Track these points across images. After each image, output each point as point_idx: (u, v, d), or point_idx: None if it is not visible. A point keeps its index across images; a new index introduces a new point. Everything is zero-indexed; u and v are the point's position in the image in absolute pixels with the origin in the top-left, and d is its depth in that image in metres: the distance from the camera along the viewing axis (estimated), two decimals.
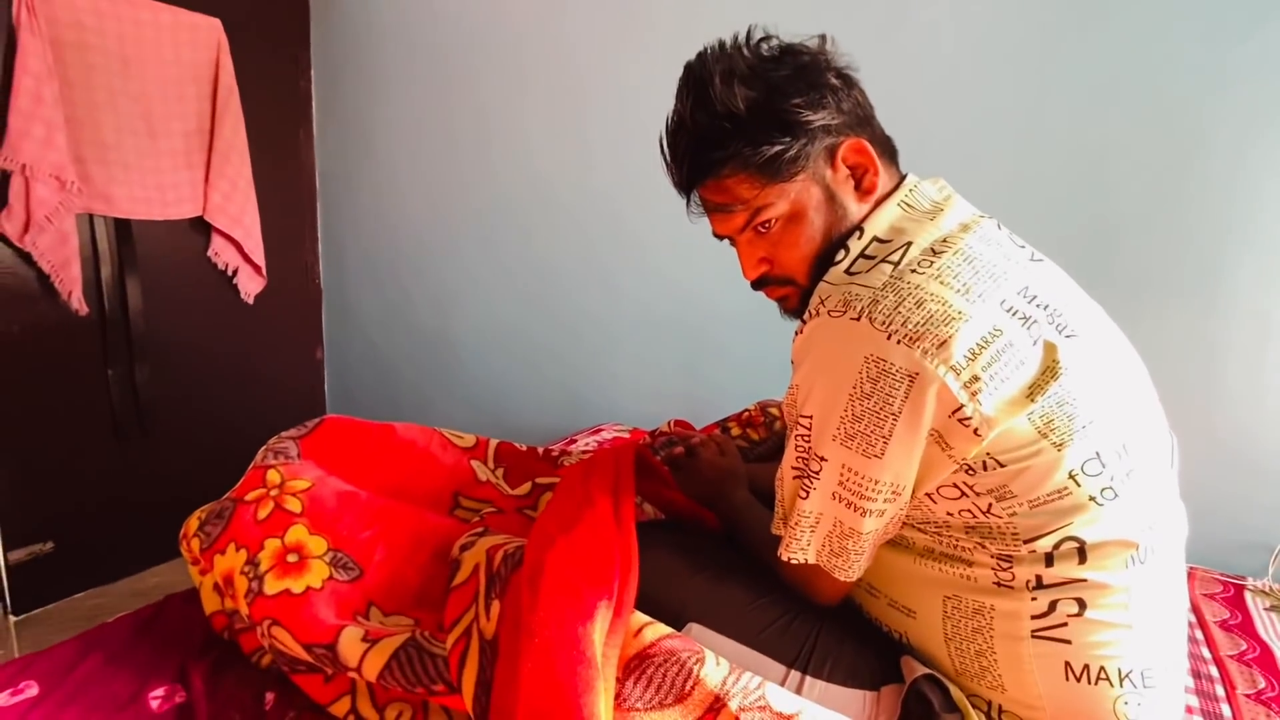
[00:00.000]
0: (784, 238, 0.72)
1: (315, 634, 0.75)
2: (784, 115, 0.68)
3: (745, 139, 0.68)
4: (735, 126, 0.69)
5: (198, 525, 0.86)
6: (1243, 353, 1.32)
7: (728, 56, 0.70)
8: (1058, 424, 0.60)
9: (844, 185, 0.71)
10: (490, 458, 1.09)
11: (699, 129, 0.71)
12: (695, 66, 0.72)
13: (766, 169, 0.69)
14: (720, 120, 0.69)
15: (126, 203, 1.72)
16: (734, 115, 0.68)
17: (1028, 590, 0.63)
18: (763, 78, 0.69)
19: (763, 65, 0.70)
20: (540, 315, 2.02)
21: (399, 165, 2.16)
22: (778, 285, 0.76)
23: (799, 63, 0.70)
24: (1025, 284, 0.65)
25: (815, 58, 0.71)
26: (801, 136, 0.68)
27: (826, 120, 0.69)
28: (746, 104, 0.68)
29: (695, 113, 0.70)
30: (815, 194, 0.71)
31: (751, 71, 0.69)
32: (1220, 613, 1.16)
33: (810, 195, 0.71)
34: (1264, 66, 1.24)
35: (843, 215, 0.71)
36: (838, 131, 0.70)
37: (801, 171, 0.70)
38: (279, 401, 2.25)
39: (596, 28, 1.79)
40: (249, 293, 2.05)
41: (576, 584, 0.66)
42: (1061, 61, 1.37)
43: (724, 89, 0.68)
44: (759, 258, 0.75)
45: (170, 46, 1.75)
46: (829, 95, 0.69)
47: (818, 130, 0.69)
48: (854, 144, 0.70)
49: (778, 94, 0.68)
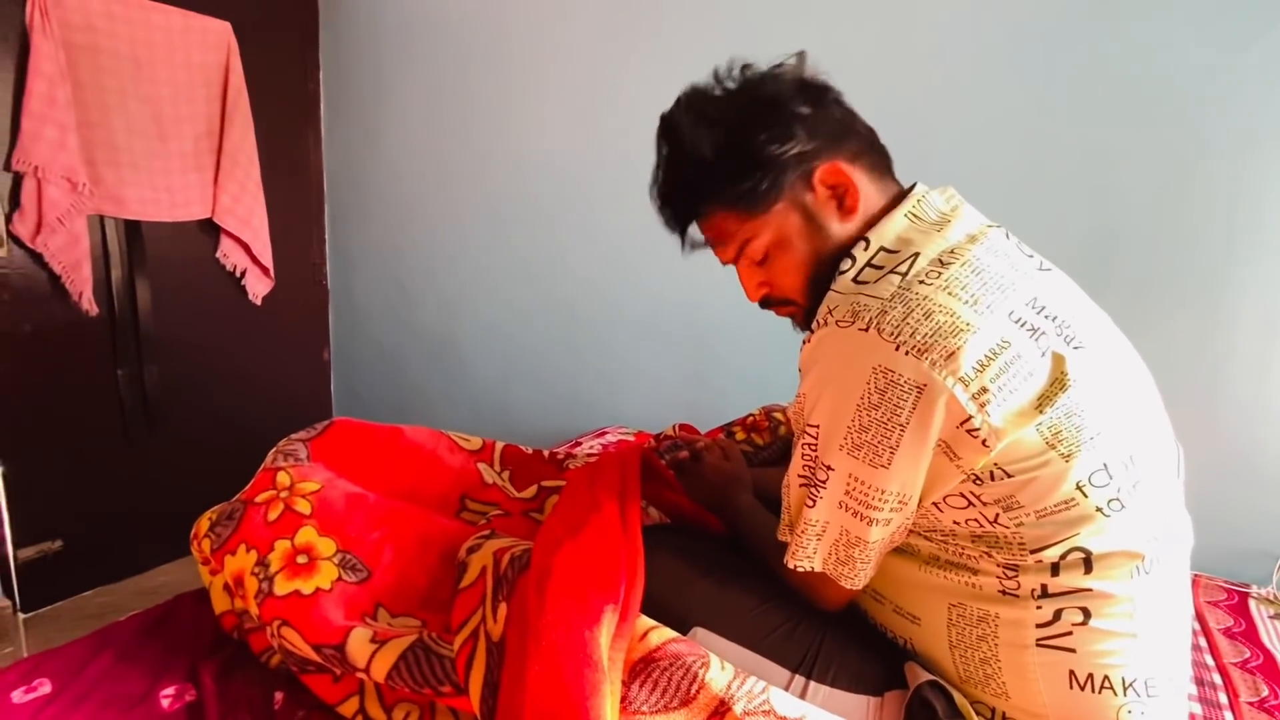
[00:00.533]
0: (775, 264, 0.75)
1: (324, 635, 0.75)
2: (753, 153, 0.70)
3: (719, 181, 0.72)
4: (707, 171, 0.72)
5: (208, 526, 0.87)
6: (1247, 361, 1.32)
7: (697, 101, 0.74)
8: (1066, 435, 0.60)
9: (825, 207, 0.73)
10: (496, 460, 1.10)
11: (676, 177, 0.75)
12: (668, 115, 0.75)
13: (743, 205, 0.72)
14: (693, 167, 0.73)
15: (136, 204, 1.73)
16: (704, 161, 0.72)
17: (1033, 599, 0.63)
18: (730, 118, 0.72)
19: (730, 104, 0.72)
20: (546, 317, 2.02)
21: (406, 168, 2.17)
22: (781, 305, 0.79)
23: (764, 96, 0.72)
24: (1033, 295, 0.65)
25: (783, 85, 0.72)
26: (772, 170, 0.70)
27: (797, 149, 0.70)
28: (714, 149, 0.71)
29: (671, 162, 0.75)
30: (796, 220, 0.73)
31: (719, 113, 0.72)
32: (1224, 620, 1.16)
33: (791, 222, 0.73)
34: (1266, 75, 1.24)
35: (827, 237, 0.73)
36: (811, 157, 0.71)
37: (778, 201, 0.72)
38: (286, 402, 2.26)
39: (608, 33, 1.80)
40: (256, 294, 2.06)
41: (583, 587, 0.67)
42: (1067, 70, 1.38)
43: (693, 136, 0.72)
44: (758, 282, 0.77)
45: (181, 49, 1.76)
46: (796, 125, 0.71)
47: (789, 161, 0.70)
48: (828, 167, 0.71)
49: (744, 132, 0.71)
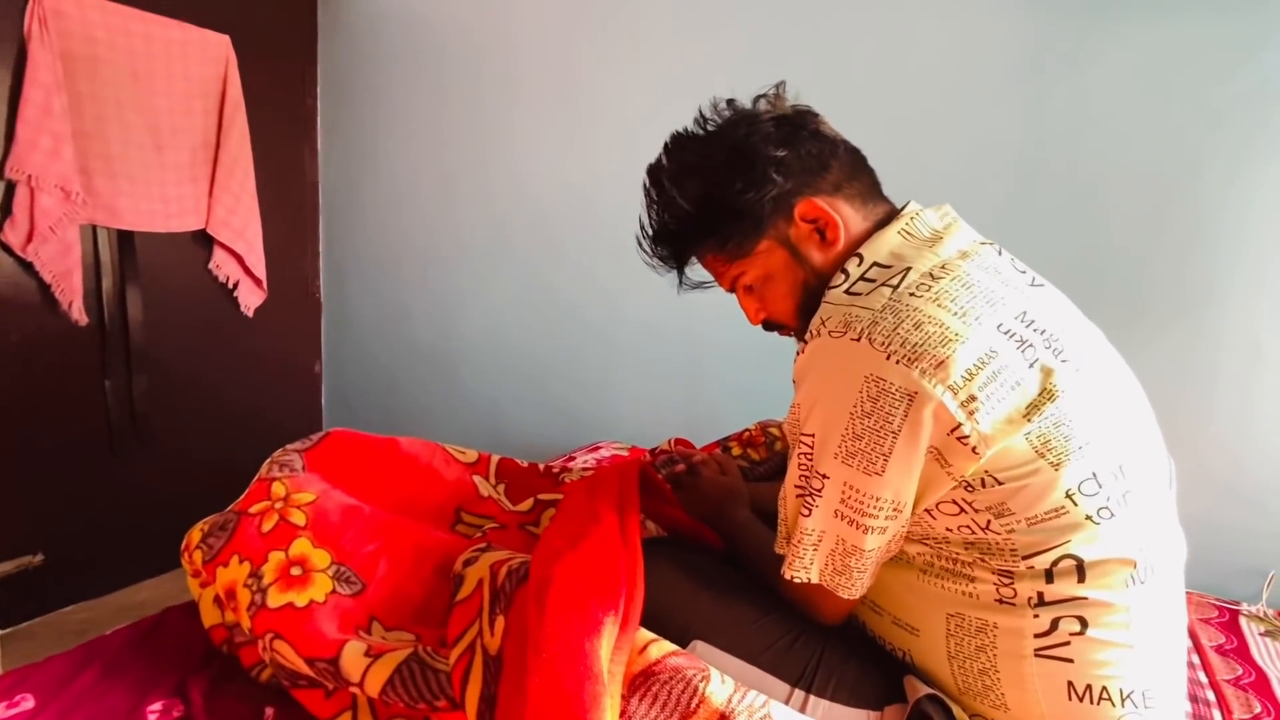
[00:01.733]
0: (766, 295, 0.79)
1: (317, 648, 0.74)
2: (728, 203, 0.74)
3: (700, 232, 0.77)
4: (689, 224, 0.77)
5: (200, 537, 0.86)
6: (1234, 380, 1.34)
7: (679, 149, 0.78)
8: (1054, 444, 0.61)
9: (808, 240, 0.75)
10: (492, 474, 1.10)
11: (660, 230, 0.79)
12: (652, 169, 0.79)
13: (727, 249, 0.77)
14: (674, 221, 0.77)
15: (130, 215, 1.73)
16: (685, 214, 0.76)
17: (1030, 607, 0.64)
18: (701, 171, 0.75)
19: (708, 154, 0.76)
20: (541, 332, 2.03)
21: (402, 182, 2.18)
22: (779, 328, 0.82)
23: (738, 144, 0.74)
24: (1023, 309, 0.66)
25: (758, 128, 0.75)
26: (749, 217, 0.74)
27: (774, 192, 0.73)
28: (693, 202, 0.75)
29: (655, 216, 0.79)
30: (780, 256, 0.76)
31: (698, 163, 0.76)
32: (1216, 637, 1.17)
33: (776, 258, 0.76)
34: (1251, 101, 1.27)
35: (811, 267, 0.75)
36: (790, 196, 0.74)
37: (761, 241, 0.75)
38: (276, 415, 2.24)
39: (603, 51, 1.82)
40: (249, 306, 2.05)
41: (583, 598, 0.66)
42: (1057, 93, 1.41)
43: (672, 191, 0.76)
44: (755, 309, 0.81)
45: (179, 62, 1.77)
46: (771, 169, 0.73)
47: (765, 205, 0.74)
48: (806, 204, 0.74)
49: (718, 185, 0.74)
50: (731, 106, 0.78)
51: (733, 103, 0.78)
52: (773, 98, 0.78)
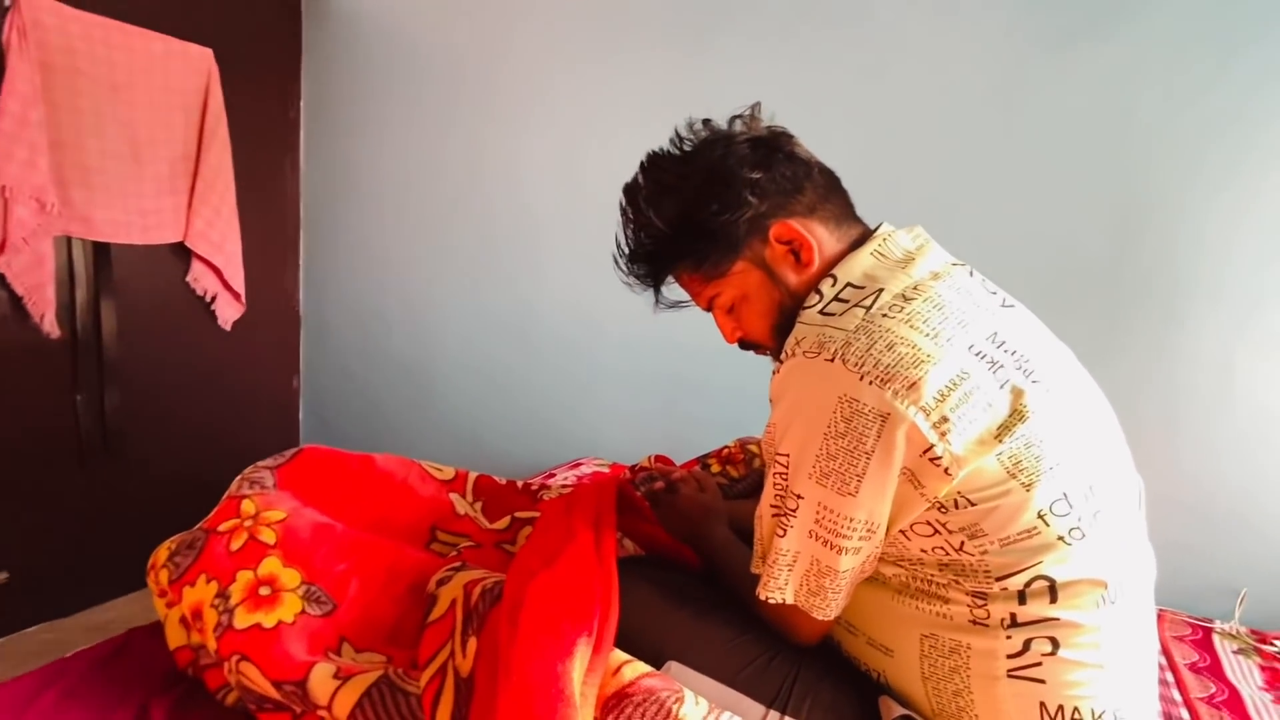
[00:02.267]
0: (742, 315, 0.79)
1: (285, 670, 0.73)
2: (704, 224, 0.74)
3: (676, 251, 0.77)
4: (665, 244, 0.77)
5: (167, 556, 0.84)
6: (1204, 399, 1.36)
7: (656, 168, 0.78)
8: (1025, 464, 0.62)
9: (783, 261, 0.76)
10: (469, 491, 1.09)
11: (637, 250, 0.79)
12: (628, 189, 0.79)
13: (703, 269, 0.77)
14: (650, 241, 0.77)
15: (107, 226, 1.70)
16: (661, 234, 0.76)
17: (1003, 628, 0.64)
18: (678, 191, 0.75)
19: (685, 174, 0.76)
20: (521, 348, 2.02)
21: (385, 197, 2.18)
22: (755, 348, 0.83)
23: (714, 166, 0.75)
24: (994, 330, 0.67)
25: (734, 150, 0.75)
26: (725, 237, 0.74)
27: (750, 214, 0.74)
28: (669, 222, 0.75)
29: (631, 236, 0.79)
30: (756, 276, 0.76)
31: (675, 183, 0.76)
32: (1189, 655, 1.18)
33: (751, 278, 0.77)
34: (1215, 126, 1.31)
35: (787, 288, 0.76)
36: (765, 217, 0.75)
37: (737, 262, 0.76)
38: (252, 430, 2.21)
39: (588, 72, 1.84)
40: (227, 319, 2.03)
41: (557, 619, 0.66)
42: (1028, 116, 1.44)
43: (649, 211, 0.76)
44: (731, 328, 0.81)
45: (161, 74, 1.76)
46: (747, 191, 0.74)
47: (740, 226, 0.74)
48: (779, 227, 0.75)
49: (695, 205, 0.75)
50: (707, 127, 0.79)
51: (709, 123, 0.79)
52: (748, 119, 0.79)
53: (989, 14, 1.44)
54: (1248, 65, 1.28)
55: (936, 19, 1.49)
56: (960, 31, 1.47)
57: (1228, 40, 1.29)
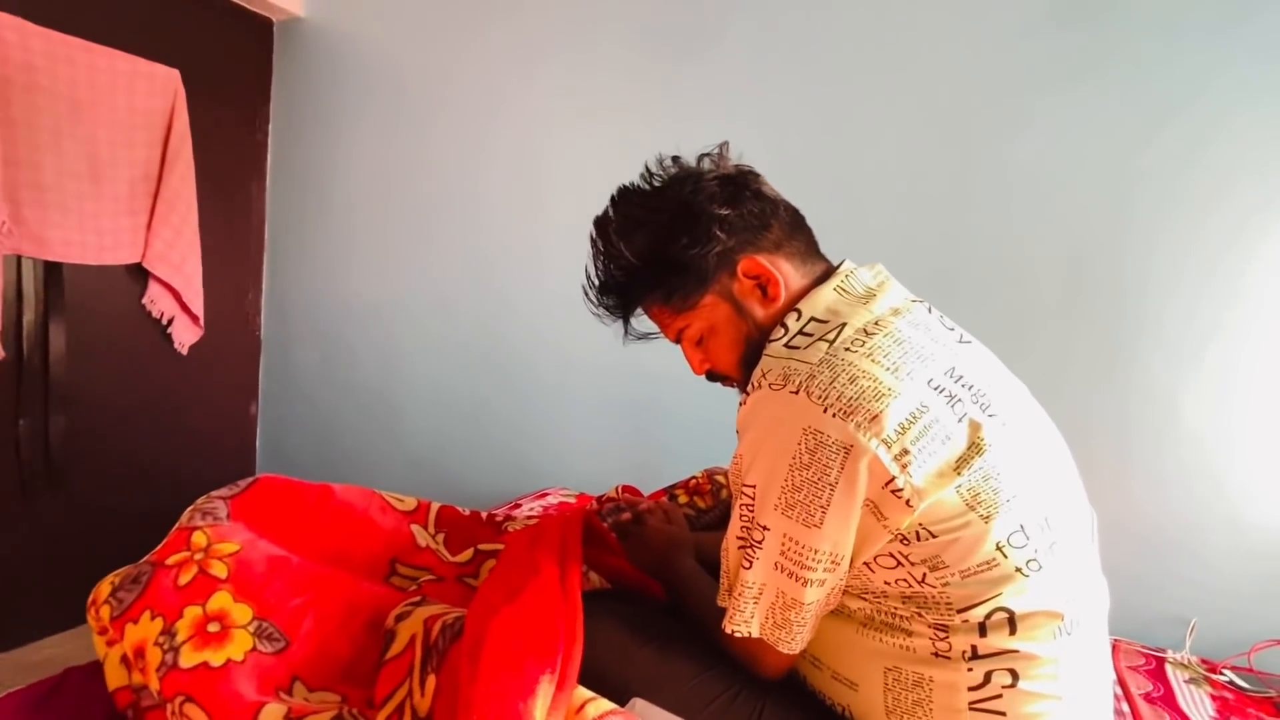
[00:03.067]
0: (710, 347, 0.80)
1: (233, 712, 0.69)
2: (674, 258, 0.76)
3: (646, 285, 0.78)
4: (636, 276, 0.78)
5: (110, 591, 0.80)
6: (1154, 433, 1.41)
7: (625, 203, 0.79)
8: (984, 497, 0.63)
9: (751, 295, 0.78)
10: (431, 522, 1.06)
11: (607, 281, 0.80)
12: (599, 221, 0.80)
13: (672, 301, 0.78)
14: (620, 273, 0.78)
15: (60, 246, 1.66)
16: (631, 266, 0.77)
17: (964, 661, 0.64)
18: (653, 225, 0.77)
19: (655, 209, 0.78)
20: (488, 377, 2.00)
21: (352, 223, 2.16)
22: (722, 379, 0.84)
23: (684, 201, 0.77)
24: (952, 364, 0.69)
25: (703, 187, 0.77)
26: (694, 272, 0.76)
27: (718, 249, 0.76)
28: (639, 255, 0.77)
29: (601, 268, 0.80)
30: (724, 310, 0.78)
31: (646, 216, 0.77)
32: (1144, 685, 1.20)
33: (719, 312, 0.78)
34: (1164, 167, 1.38)
35: (754, 322, 0.78)
36: (733, 253, 0.77)
37: (705, 295, 0.77)
38: (206, 459, 2.14)
39: (560, 100, 1.86)
40: (184, 343, 1.98)
41: (519, 656, 0.64)
42: (985, 158, 1.50)
43: (619, 243, 0.77)
44: (699, 360, 0.82)
45: (124, 94, 1.73)
46: (716, 226, 0.75)
47: (709, 260, 0.76)
48: (749, 261, 0.77)
49: (665, 239, 0.76)
50: (677, 164, 0.81)
51: (678, 160, 0.81)
52: (716, 157, 0.81)
53: (950, 56, 1.51)
54: (1191, 116, 1.36)
55: (898, 61, 1.55)
56: (920, 74, 1.53)
57: (1174, 91, 1.36)
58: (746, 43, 1.66)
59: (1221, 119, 1.34)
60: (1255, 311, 1.34)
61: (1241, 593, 1.37)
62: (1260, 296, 1.34)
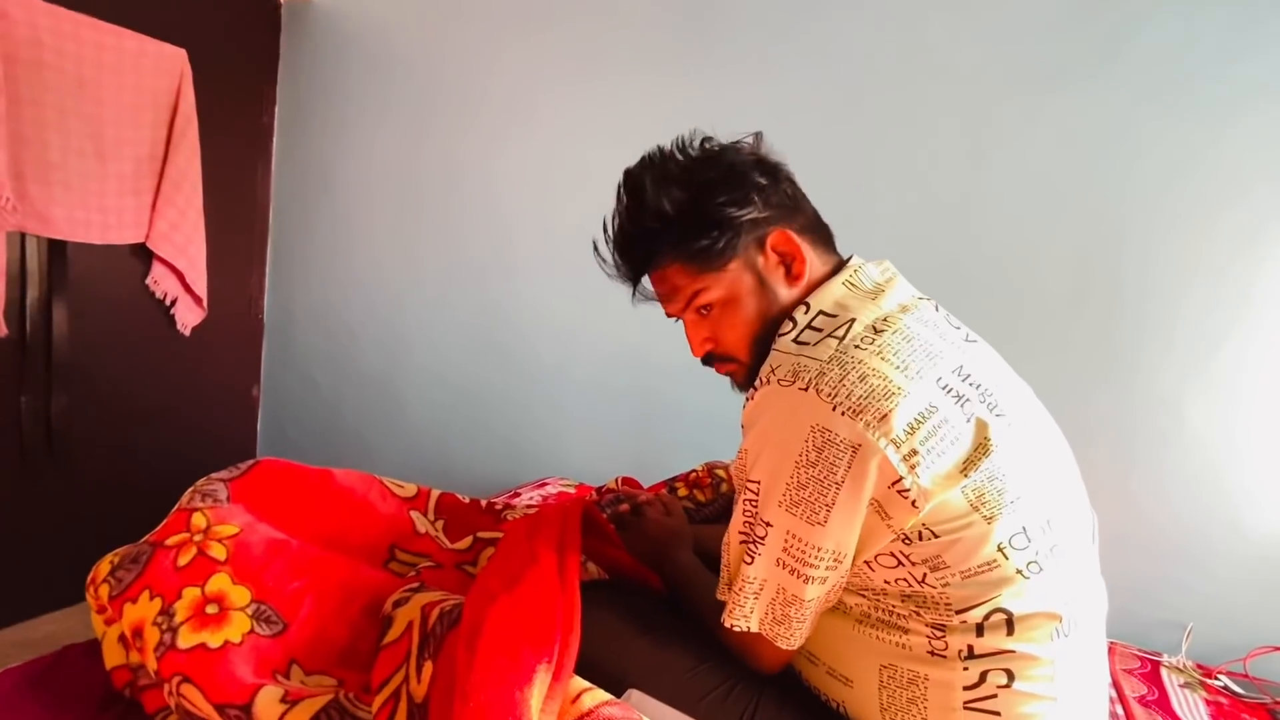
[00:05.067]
0: (723, 320, 0.78)
1: (229, 693, 0.70)
2: (712, 213, 0.74)
3: (676, 236, 0.75)
4: (666, 225, 0.75)
5: (109, 570, 0.81)
6: (1158, 438, 1.41)
7: (661, 162, 0.78)
8: (988, 498, 0.63)
9: (775, 272, 0.76)
10: (431, 509, 1.06)
11: (634, 229, 0.77)
12: (632, 171, 0.79)
13: (698, 260, 0.75)
14: (654, 220, 0.75)
15: (64, 224, 1.65)
16: (665, 215, 0.75)
17: (960, 660, 0.64)
18: (692, 180, 0.76)
19: (692, 168, 0.77)
20: (491, 365, 2.00)
21: (357, 207, 2.15)
22: (723, 362, 0.81)
23: (725, 163, 0.77)
24: (960, 363, 0.69)
25: (742, 157, 0.78)
26: (729, 231, 0.74)
27: (753, 214, 0.75)
28: (675, 205, 0.75)
29: (631, 215, 0.78)
30: (748, 280, 0.76)
31: (682, 174, 0.76)
32: (1139, 688, 1.20)
33: (743, 282, 0.76)
34: (1167, 176, 1.37)
35: (774, 299, 0.76)
36: (765, 224, 0.76)
37: (732, 260, 0.75)
38: (207, 441, 2.14)
39: (567, 89, 1.85)
40: (186, 324, 1.97)
41: (516, 644, 0.64)
42: (995, 160, 1.49)
43: (655, 192, 0.75)
44: (703, 337, 0.80)
45: (131, 73, 1.72)
46: (754, 192, 0.75)
47: (744, 224, 0.74)
48: (780, 234, 0.76)
49: (705, 193, 0.75)
50: (712, 140, 0.80)
51: (709, 139, 0.80)
52: (751, 145, 0.81)
53: (960, 55, 1.49)
54: (1200, 118, 1.35)
55: (909, 57, 1.53)
56: (931, 71, 1.52)
57: (1186, 93, 1.35)
58: (759, 43, 1.65)
59: (1234, 122, 1.33)
60: (1264, 319, 1.34)
61: (1239, 599, 1.37)
62: (1270, 305, 1.33)
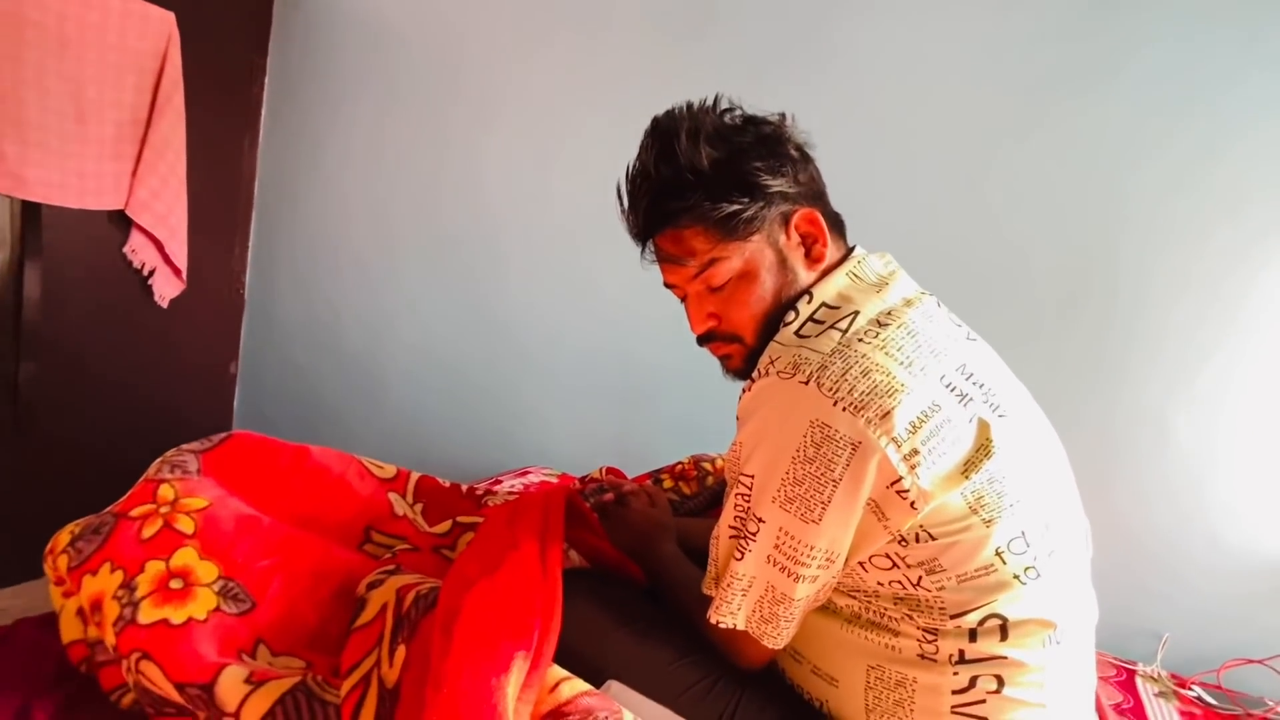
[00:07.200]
0: (735, 295, 0.74)
1: (191, 672, 0.67)
2: (745, 176, 0.70)
3: (705, 194, 0.70)
4: (697, 180, 0.70)
5: (69, 540, 0.77)
6: (1141, 449, 1.41)
7: (695, 116, 0.73)
8: (988, 501, 0.62)
9: (795, 252, 0.74)
10: (410, 491, 1.03)
11: (661, 179, 0.72)
12: (663, 121, 0.74)
13: (723, 225, 0.71)
14: (683, 173, 0.71)
15: (40, 186, 1.59)
16: (697, 170, 0.70)
17: (950, 664, 0.63)
18: (727, 140, 0.72)
19: (728, 129, 0.73)
20: (476, 348, 1.97)
21: (346, 184, 2.11)
22: (723, 342, 0.77)
23: (762, 132, 0.74)
24: (963, 361, 0.67)
25: (777, 129, 0.75)
26: (760, 199, 0.71)
27: (784, 188, 0.72)
28: (710, 161, 0.70)
29: (659, 163, 0.72)
30: (768, 256, 0.73)
31: (717, 132, 0.72)
32: (1114, 696, 1.21)
33: (764, 256, 0.73)
34: (1162, 188, 1.37)
35: (792, 280, 0.73)
36: (793, 200, 0.73)
37: (756, 232, 0.72)
38: (181, 415, 2.08)
39: (564, 74, 1.82)
40: (164, 296, 1.92)
41: (493, 632, 0.62)
42: (993, 167, 1.48)
43: (689, 144, 0.70)
44: (708, 313, 0.76)
45: (116, 33, 1.67)
46: (788, 165, 0.73)
47: (775, 195, 0.71)
48: (807, 214, 0.73)
49: (741, 156, 0.71)
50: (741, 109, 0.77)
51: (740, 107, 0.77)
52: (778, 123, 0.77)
53: (960, 65, 1.49)
54: (1199, 134, 1.35)
55: (910, 66, 1.52)
56: (931, 80, 1.51)
57: (1185, 105, 1.35)
58: (756, 38, 1.63)
59: (1232, 139, 1.33)
60: (1252, 336, 1.34)
61: (1215, 611, 1.38)
62: (1258, 321, 1.34)
